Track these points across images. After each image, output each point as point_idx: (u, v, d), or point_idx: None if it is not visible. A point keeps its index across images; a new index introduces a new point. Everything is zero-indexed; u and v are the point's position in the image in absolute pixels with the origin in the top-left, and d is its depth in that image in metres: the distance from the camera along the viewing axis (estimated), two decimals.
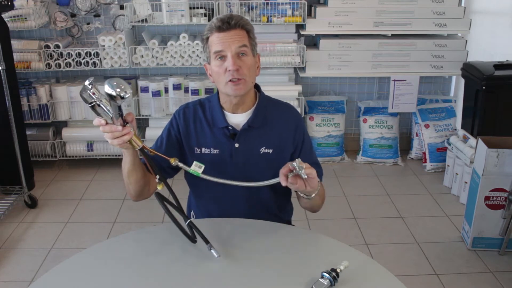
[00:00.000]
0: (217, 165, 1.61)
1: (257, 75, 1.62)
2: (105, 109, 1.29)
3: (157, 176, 1.40)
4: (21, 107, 3.37)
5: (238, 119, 1.61)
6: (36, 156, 3.74)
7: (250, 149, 1.61)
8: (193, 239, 1.38)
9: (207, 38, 1.55)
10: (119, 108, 1.29)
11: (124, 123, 1.34)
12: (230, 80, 1.51)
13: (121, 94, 1.23)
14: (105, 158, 3.79)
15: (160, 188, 1.42)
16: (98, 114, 1.31)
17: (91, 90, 1.26)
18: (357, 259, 1.36)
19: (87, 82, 1.26)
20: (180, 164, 1.44)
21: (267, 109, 1.64)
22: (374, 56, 3.64)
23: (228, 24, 1.50)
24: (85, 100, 1.28)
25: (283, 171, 1.38)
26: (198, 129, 1.63)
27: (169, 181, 1.52)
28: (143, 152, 1.40)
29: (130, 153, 1.46)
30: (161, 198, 1.40)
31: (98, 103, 1.28)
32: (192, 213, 1.41)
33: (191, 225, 1.38)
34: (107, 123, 1.32)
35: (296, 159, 1.34)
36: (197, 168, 1.42)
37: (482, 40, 3.73)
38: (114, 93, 1.23)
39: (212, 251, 1.31)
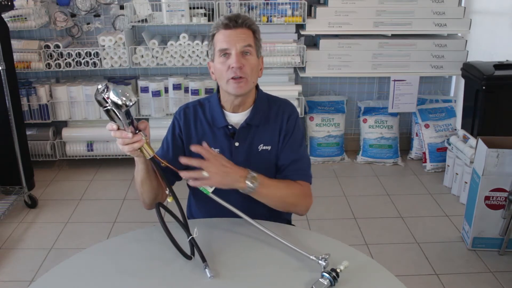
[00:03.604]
0: None
1: (259, 76, 1.62)
2: (117, 115, 1.28)
3: (168, 189, 1.41)
4: (21, 107, 3.37)
5: (238, 118, 1.62)
6: (36, 156, 3.74)
7: (249, 147, 1.61)
8: (189, 257, 1.35)
9: (213, 36, 1.56)
10: (128, 115, 1.29)
11: (137, 130, 1.33)
12: (232, 78, 1.51)
13: (126, 103, 1.23)
14: (105, 158, 3.79)
15: (170, 200, 1.41)
16: (112, 119, 1.30)
17: (105, 94, 1.25)
18: (357, 259, 1.36)
19: (100, 86, 1.26)
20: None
21: (266, 106, 1.64)
22: (374, 56, 3.64)
23: (235, 22, 1.51)
24: (99, 103, 1.27)
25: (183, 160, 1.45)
26: (198, 129, 1.63)
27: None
28: (153, 162, 1.40)
29: (142, 161, 1.45)
30: (160, 213, 1.38)
31: (111, 107, 1.26)
32: (195, 229, 1.39)
33: (193, 242, 1.36)
34: (118, 129, 1.32)
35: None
36: (207, 187, 1.41)
37: (482, 40, 3.73)
38: (119, 102, 1.23)
39: (207, 270, 1.29)
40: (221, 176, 1.41)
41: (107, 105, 1.26)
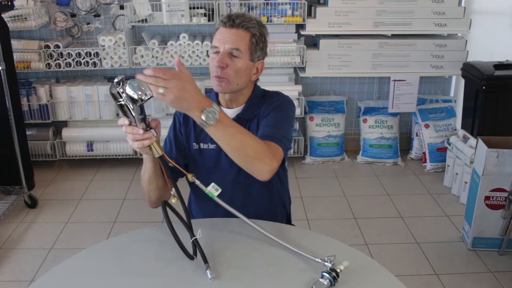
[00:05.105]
0: (214, 159, 1.64)
1: (253, 80, 1.62)
2: (130, 110, 1.28)
3: (173, 189, 1.39)
4: (21, 107, 3.37)
5: (232, 113, 1.63)
6: (36, 156, 3.74)
7: None
8: (191, 257, 1.35)
9: (216, 30, 1.58)
10: (141, 110, 1.28)
11: (148, 127, 1.33)
12: (214, 76, 1.54)
13: (142, 97, 1.22)
14: (105, 158, 3.79)
15: (175, 201, 1.41)
16: (124, 114, 1.29)
17: (121, 88, 1.24)
18: (357, 259, 1.36)
19: (116, 80, 1.25)
20: (197, 182, 1.41)
21: (260, 101, 1.65)
22: (374, 56, 3.64)
23: (232, 21, 1.53)
24: (114, 97, 1.26)
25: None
26: (197, 126, 1.63)
27: None
28: (161, 160, 1.39)
29: (150, 160, 1.46)
30: (166, 212, 1.37)
31: (125, 102, 1.25)
32: (199, 231, 1.38)
33: (196, 244, 1.36)
34: (130, 124, 1.31)
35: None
36: (213, 190, 1.39)
37: (482, 40, 3.73)
38: (135, 96, 1.21)
39: (208, 272, 1.28)
40: (176, 97, 1.24)
41: (121, 99, 1.25)
